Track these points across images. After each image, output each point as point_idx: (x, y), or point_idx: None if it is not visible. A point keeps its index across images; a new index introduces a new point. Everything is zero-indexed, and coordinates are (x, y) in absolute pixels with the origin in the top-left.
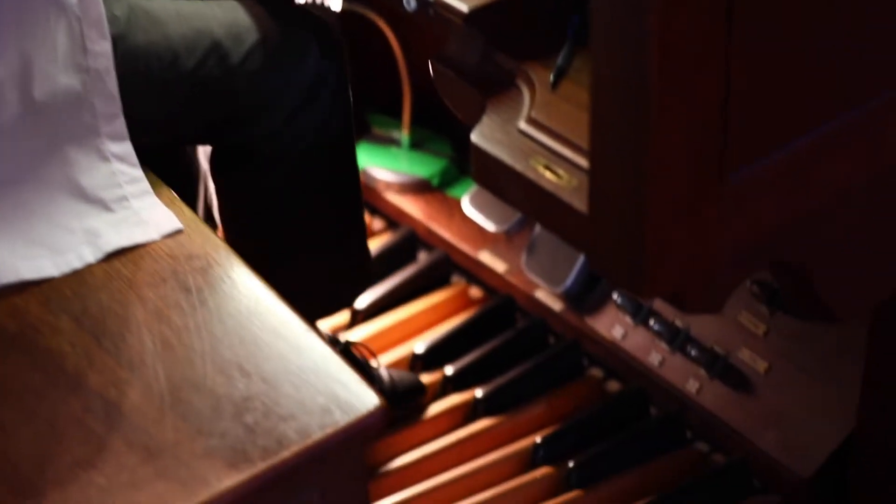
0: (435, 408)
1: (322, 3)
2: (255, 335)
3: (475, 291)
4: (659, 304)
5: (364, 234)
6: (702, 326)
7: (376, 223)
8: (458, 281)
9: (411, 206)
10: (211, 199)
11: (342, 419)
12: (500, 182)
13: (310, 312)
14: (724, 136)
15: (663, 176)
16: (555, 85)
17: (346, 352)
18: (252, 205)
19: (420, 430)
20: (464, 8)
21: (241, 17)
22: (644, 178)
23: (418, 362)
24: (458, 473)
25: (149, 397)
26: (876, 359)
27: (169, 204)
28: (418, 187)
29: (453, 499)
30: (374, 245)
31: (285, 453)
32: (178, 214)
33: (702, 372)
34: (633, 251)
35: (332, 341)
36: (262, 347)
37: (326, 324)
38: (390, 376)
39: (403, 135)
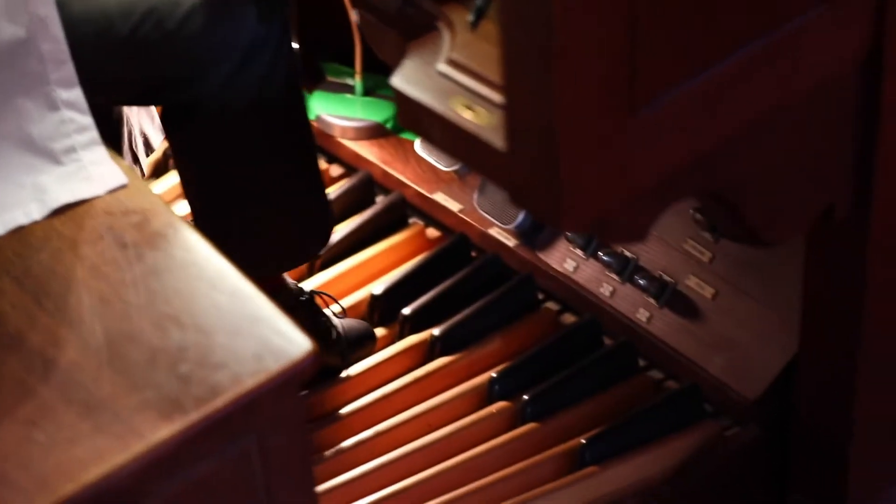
0: (393, 349)
1: None
2: (191, 287)
3: (432, 232)
4: None
5: (321, 186)
6: (650, 256)
7: (334, 169)
8: (415, 222)
9: (367, 151)
10: (137, 151)
11: (274, 365)
12: (423, 124)
13: (272, 266)
14: (633, 66)
15: (573, 108)
16: (474, 25)
17: (310, 301)
18: (201, 162)
19: (379, 372)
20: None
21: None
22: (554, 110)
23: (376, 304)
24: (417, 412)
25: (87, 354)
26: (813, 283)
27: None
28: (373, 132)
29: (412, 438)
30: (333, 191)
31: (218, 402)
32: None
33: (651, 301)
34: (550, 185)
35: (299, 291)
36: (197, 299)
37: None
38: (342, 326)
39: (357, 81)
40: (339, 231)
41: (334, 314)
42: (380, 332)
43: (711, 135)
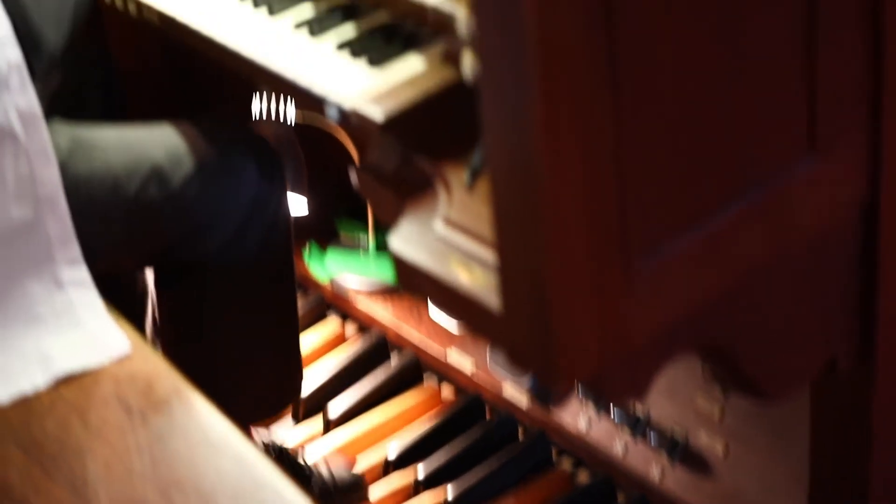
0: None
1: (278, 117)
2: (195, 452)
3: (446, 391)
4: None
5: (298, 345)
6: (661, 412)
7: (348, 328)
8: (429, 381)
9: (381, 311)
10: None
11: None
12: (421, 285)
13: (244, 418)
14: (623, 222)
15: (564, 266)
16: (471, 185)
17: (282, 455)
18: (194, 319)
19: None
20: (379, 117)
21: (180, 140)
22: (546, 269)
23: (391, 467)
24: None
25: None
26: (819, 437)
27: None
28: (386, 291)
29: None
30: (347, 351)
31: None
32: (124, 332)
33: (663, 457)
34: (545, 343)
35: (267, 447)
36: (200, 464)
37: (300, 433)
38: (329, 472)
39: (369, 240)
40: (354, 391)
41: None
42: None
43: (708, 288)
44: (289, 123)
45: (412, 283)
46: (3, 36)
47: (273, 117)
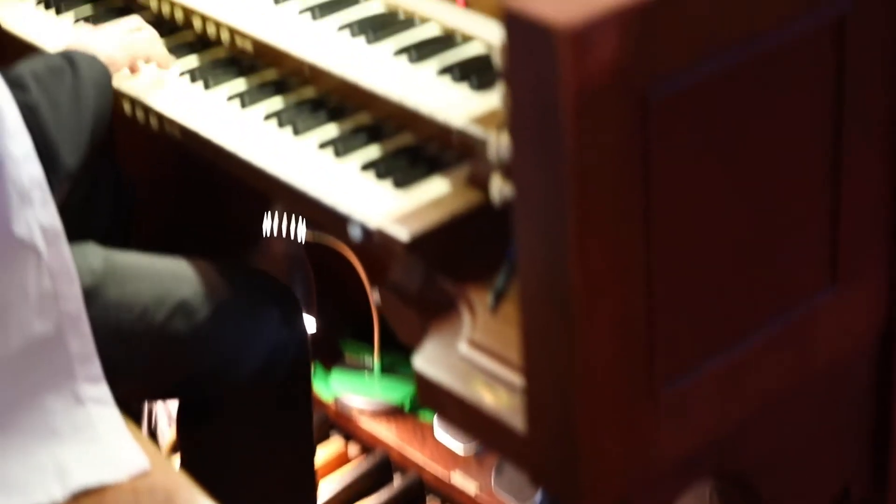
0: None
1: (288, 235)
2: None
3: None
4: None
5: (314, 482)
6: None
7: (351, 449)
8: (432, 503)
9: (385, 431)
10: (155, 424)
11: None
12: (443, 404)
13: None
14: (651, 348)
15: (592, 389)
16: (495, 307)
17: None
18: (213, 454)
19: None
20: (405, 237)
21: (209, 280)
22: (573, 392)
23: None
24: None
25: None
26: None
27: (134, 438)
28: (391, 412)
29: None
30: (350, 471)
31: None
32: (142, 448)
33: None
34: (571, 466)
35: None
36: None
37: None
38: None
39: (374, 361)
40: None
41: None
42: None
43: (731, 414)
44: (299, 241)
45: (434, 403)
46: (25, 153)
47: (284, 235)
